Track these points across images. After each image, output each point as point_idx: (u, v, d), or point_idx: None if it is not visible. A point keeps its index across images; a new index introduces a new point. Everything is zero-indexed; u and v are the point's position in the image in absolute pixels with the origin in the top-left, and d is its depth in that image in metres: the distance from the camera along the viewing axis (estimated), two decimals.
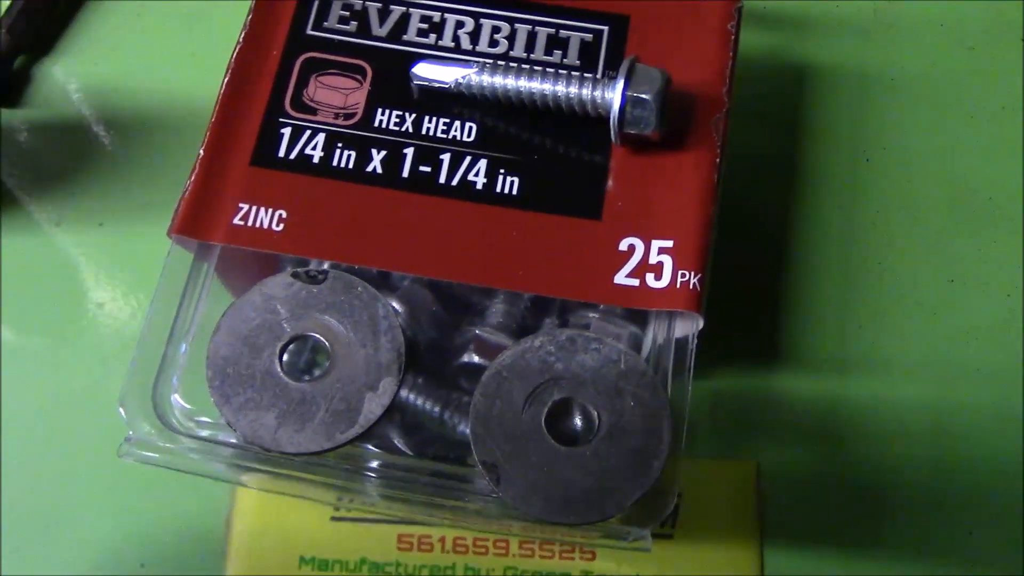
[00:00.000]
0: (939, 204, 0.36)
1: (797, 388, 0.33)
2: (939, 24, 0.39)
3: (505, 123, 0.28)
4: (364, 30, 0.29)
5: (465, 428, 0.27)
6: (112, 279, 0.34)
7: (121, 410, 0.25)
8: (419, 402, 0.27)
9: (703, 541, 0.31)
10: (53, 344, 0.34)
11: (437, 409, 0.27)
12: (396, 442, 0.28)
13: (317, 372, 0.25)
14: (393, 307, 0.28)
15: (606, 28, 0.29)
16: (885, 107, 0.37)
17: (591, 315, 0.28)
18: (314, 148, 0.27)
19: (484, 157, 0.27)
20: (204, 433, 0.26)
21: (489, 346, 0.27)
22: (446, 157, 0.27)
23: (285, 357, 0.25)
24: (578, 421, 0.25)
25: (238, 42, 0.29)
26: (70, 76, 0.38)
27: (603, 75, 0.28)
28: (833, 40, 0.38)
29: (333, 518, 0.31)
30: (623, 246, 0.26)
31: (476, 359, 0.28)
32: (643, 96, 0.26)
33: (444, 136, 0.28)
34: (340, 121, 0.28)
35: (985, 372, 0.33)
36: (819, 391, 0.33)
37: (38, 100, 0.37)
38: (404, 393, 0.27)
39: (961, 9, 0.39)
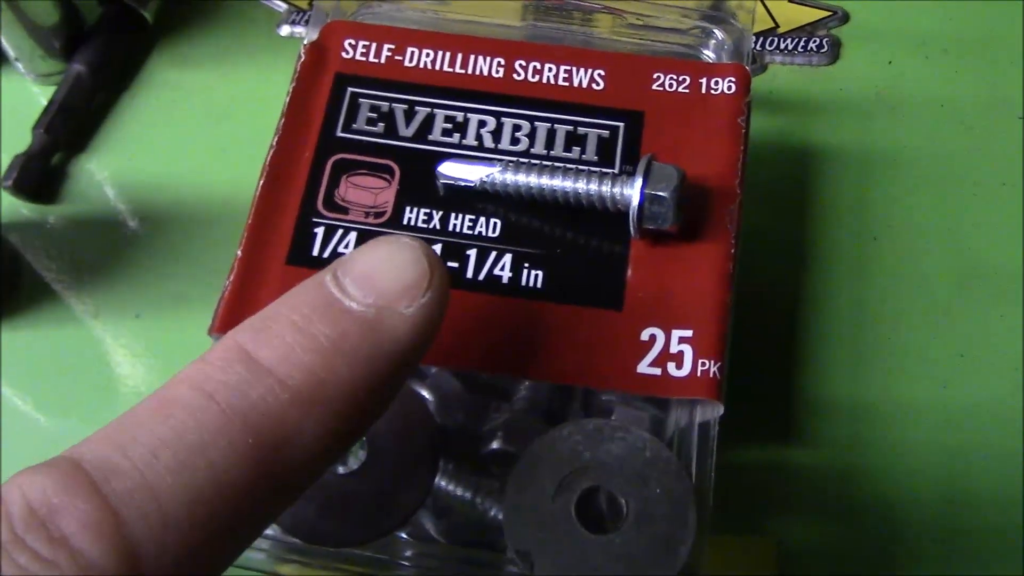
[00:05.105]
0: (946, 279, 0.37)
1: (811, 463, 0.34)
2: (939, 104, 0.40)
3: (528, 218, 0.29)
4: (391, 131, 0.30)
5: (497, 512, 0.28)
6: (148, 369, 0.35)
7: None
8: (451, 488, 0.28)
9: None
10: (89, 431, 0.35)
11: (469, 495, 0.28)
12: (429, 528, 0.29)
13: (354, 464, 0.26)
14: (424, 396, 0.29)
15: (622, 124, 0.30)
16: (890, 186, 0.38)
17: (614, 398, 0.29)
18: (346, 247, 0.28)
19: (509, 252, 0.28)
20: None
21: (517, 432, 0.28)
22: (472, 253, 0.28)
23: None
24: (606, 508, 0.26)
25: (272, 145, 0.30)
26: (105, 172, 0.39)
27: (621, 171, 0.30)
28: (837, 122, 0.40)
29: None
30: (644, 336, 0.27)
31: (505, 446, 0.29)
32: (660, 193, 0.27)
33: (470, 232, 0.29)
34: (371, 220, 0.29)
35: (995, 446, 0.34)
36: (833, 466, 0.34)
37: (75, 196, 0.39)
38: (437, 480, 0.28)
39: (960, 89, 0.40)
